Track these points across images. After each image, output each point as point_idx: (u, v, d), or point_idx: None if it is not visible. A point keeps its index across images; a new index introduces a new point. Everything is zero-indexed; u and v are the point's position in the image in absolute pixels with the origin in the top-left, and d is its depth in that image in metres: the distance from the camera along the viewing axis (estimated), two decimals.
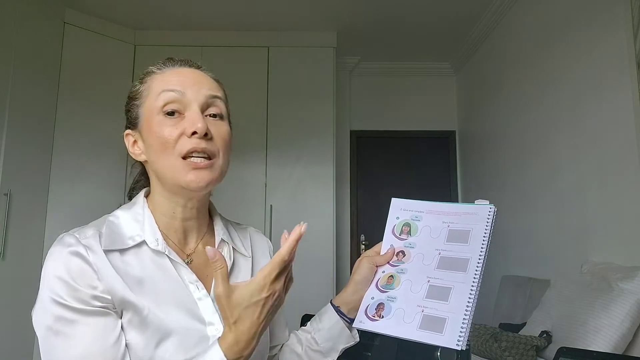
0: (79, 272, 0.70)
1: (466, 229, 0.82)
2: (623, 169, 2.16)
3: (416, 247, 0.85)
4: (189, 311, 0.75)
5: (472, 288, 0.76)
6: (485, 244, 0.79)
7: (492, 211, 0.82)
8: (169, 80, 0.79)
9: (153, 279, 0.75)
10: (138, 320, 0.71)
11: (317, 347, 0.88)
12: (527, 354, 1.97)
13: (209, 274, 0.82)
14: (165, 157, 0.77)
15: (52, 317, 0.68)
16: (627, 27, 2.12)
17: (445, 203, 0.87)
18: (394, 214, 0.90)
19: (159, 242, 0.78)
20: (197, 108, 0.77)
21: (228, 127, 0.82)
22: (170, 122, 0.77)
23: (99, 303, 0.70)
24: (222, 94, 0.83)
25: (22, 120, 3.03)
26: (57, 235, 0.75)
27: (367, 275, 0.85)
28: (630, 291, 1.81)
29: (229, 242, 0.87)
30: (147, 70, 0.83)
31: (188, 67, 0.83)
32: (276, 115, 3.84)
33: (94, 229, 0.75)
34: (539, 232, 2.90)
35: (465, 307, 0.74)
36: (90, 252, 0.71)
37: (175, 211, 0.81)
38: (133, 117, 0.82)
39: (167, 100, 0.77)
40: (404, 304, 0.79)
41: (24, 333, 2.89)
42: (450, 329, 0.73)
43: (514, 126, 3.29)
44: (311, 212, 3.72)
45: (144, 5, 3.53)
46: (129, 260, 0.74)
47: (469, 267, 0.78)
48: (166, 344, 0.72)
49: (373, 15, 3.66)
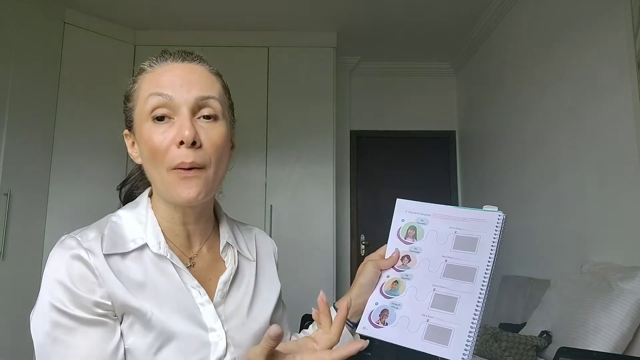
0: (80, 276, 0.68)
1: (474, 237, 0.80)
2: (623, 169, 2.16)
3: (422, 252, 0.83)
4: (190, 316, 0.74)
5: (479, 300, 0.73)
6: (494, 254, 0.77)
7: (501, 219, 0.79)
8: (158, 80, 0.75)
9: (155, 283, 0.73)
10: (141, 324, 0.70)
11: None
12: (527, 354, 1.97)
13: (212, 277, 0.81)
14: (154, 167, 0.74)
15: (50, 323, 0.67)
16: (627, 27, 2.12)
17: (452, 207, 0.84)
18: (399, 216, 0.87)
19: (161, 246, 0.76)
20: (187, 112, 0.73)
21: (222, 128, 0.77)
22: (160, 129, 0.73)
23: (99, 310, 0.68)
24: (217, 90, 0.78)
25: (22, 120, 3.03)
26: (57, 235, 0.74)
27: (371, 279, 0.83)
28: (630, 291, 1.80)
29: (234, 246, 0.86)
30: (139, 67, 0.80)
31: (181, 62, 0.78)
32: (276, 115, 3.84)
33: (96, 232, 0.73)
34: (539, 232, 2.90)
35: (472, 320, 0.72)
36: (91, 255, 0.70)
37: (174, 216, 0.79)
38: (128, 120, 0.80)
39: (155, 105, 0.73)
40: (408, 312, 0.77)
41: (24, 333, 2.88)
42: (456, 341, 0.71)
43: (514, 126, 3.29)
44: (311, 212, 3.72)
45: (144, 5, 3.53)
46: (131, 264, 0.73)
47: (476, 278, 0.75)
48: (167, 349, 0.70)
49: (373, 15, 3.66)
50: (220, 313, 0.77)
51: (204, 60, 0.81)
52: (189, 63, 0.78)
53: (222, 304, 0.79)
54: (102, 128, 3.54)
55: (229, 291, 0.81)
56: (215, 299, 0.78)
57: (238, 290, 0.83)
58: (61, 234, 0.74)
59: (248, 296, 0.84)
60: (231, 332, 0.77)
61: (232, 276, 0.82)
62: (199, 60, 0.80)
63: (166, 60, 0.78)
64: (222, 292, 0.80)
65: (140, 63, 0.80)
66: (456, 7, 3.51)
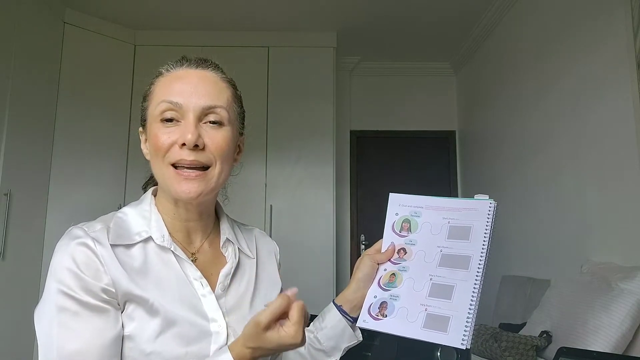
0: (85, 262, 0.71)
1: (467, 225, 0.82)
2: (623, 169, 2.16)
3: (417, 244, 0.85)
4: (192, 307, 0.76)
5: (474, 286, 0.76)
6: (487, 241, 0.79)
7: (492, 206, 0.82)
8: (170, 87, 0.79)
9: (158, 274, 0.76)
10: (144, 310, 0.72)
11: (320, 346, 0.88)
12: (527, 354, 1.97)
13: (213, 272, 0.83)
14: (157, 163, 0.79)
15: (56, 307, 0.69)
16: (627, 27, 2.12)
17: (444, 198, 0.87)
18: (392, 210, 0.90)
19: (165, 238, 0.79)
20: (193, 118, 0.77)
21: (227, 134, 0.80)
22: (167, 130, 0.77)
23: (104, 295, 0.71)
24: (225, 99, 0.81)
25: (22, 120, 3.03)
26: (57, 235, 0.76)
27: (369, 273, 0.85)
28: (630, 291, 1.80)
29: (235, 243, 0.88)
30: (157, 70, 0.84)
31: (195, 69, 0.82)
32: (276, 115, 3.84)
33: (102, 224, 0.76)
34: (539, 232, 2.90)
35: (469, 306, 0.74)
36: (97, 244, 0.72)
37: (176, 212, 0.82)
38: (142, 118, 0.84)
39: (164, 110, 0.78)
40: (407, 303, 0.79)
41: (24, 333, 2.89)
42: (455, 327, 0.73)
43: (514, 126, 3.29)
44: (311, 212, 3.72)
45: (144, 5, 3.53)
46: (135, 254, 0.76)
47: (471, 265, 0.78)
48: (167, 334, 0.72)
49: (373, 15, 3.66)
50: (221, 305, 0.79)
51: (218, 68, 0.85)
52: (203, 70, 0.82)
53: (223, 296, 0.81)
54: (102, 128, 3.54)
55: (230, 285, 0.84)
56: (216, 292, 0.80)
57: (239, 284, 0.85)
58: (61, 234, 0.75)
59: (249, 291, 0.86)
60: (233, 325, 0.79)
61: (233, 270, 0.85)
62: (214, 67, 0.84)
63: (182, 65, 0.82)
64: (224, 285, 0.82)
65: (160, 66, 0.84)
66: (456, 6, 3.51)
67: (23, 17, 3.07)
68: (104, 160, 3.54)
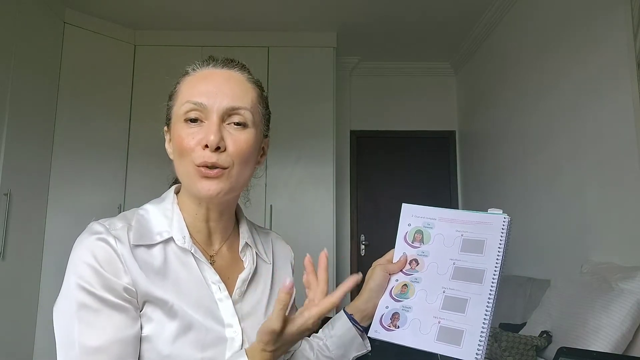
0: (106, 259, 0.70)
1: (480, 239, 0.81)
2: (623, 169, 2.16)
3: (430, 255, 0.84)
4: (208, 311, 0.76)
5: (489, 300, 0.75)
6: (501, 256, 0.78)
7: (506, 221, 0.81)
8: (195, 87, 0.79)
9: (176, 276, 0.75)
10: (162, 312, 0.72)
11: (328, 354, 0.88)
12: (527, 354, 1.97)
13: (230, 275, 0.82)
14: (181, 162, 0.78)
15: (76, 303, 0.68)
16: (627, 27, 2.12)
17: (457, 210, 0.86)
18: (405, 220, 0.89)
19: (186, 240, 0.78)
20: (216, 119, 0.76)
21: (250, 135, 0.79)
22: (191, 130, 0.77)
23: (124, 294, 0.70)
24: (249, 101, 0.80)
25: (22, 121, 3.03)
26: (57, 235, 0.76)
27: (381, 283, 0.85)
28: (630, 291, 1.80)
29: (253, 247, 0.87)
30: (184, 70, 0.83)
31: (220, 69, 0.81)
32: (276, 116, 3.80)
33: (124, 222, 0.76)
34: (539, 232, 2.90)
35: (483, 320, 0.74)
36: (119, 243, 0.72)
37: (197, 212, 0.81)
38: (168, 117, 0.84)
39: (188, 110, 0.77)
40: (419, 315, 0.78)
41: (24, 333, 2.89)
42: (468, 341, 0.72)
43: (514, 126, 3.29)
44: (311, 212, 3.72)
45: (144, 5, 3.53)
46: (155, 255, 0.75)
47: (484, 279, 0.77)
48: (185, 338, 0.72)
49: (373, 15, 3.66)
50: (237, 310, 0.79)
51: (245, 69, 0.84)
52: (229, 70, 0.82)
53: (239, 301, 0.81)
54: (102, 128, 3.54)
55: (247, 290, 0.83)
56: (233, 297, 0.80)
57: (255, 290, 0.85)
58: (61, 234, 0.75)
59: (265, 297, 0.85)
60: (247, 330, 0.78)
61: (250, 276, 0.84)
62: (240, 67, 0.84)
63: (208, 65, 0.82)
64: (241, 291, 0.82)
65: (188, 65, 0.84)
66: (456, 7, 3.51)
67: (23, 17, 3.07)
68: (104, 160, 3.54)
